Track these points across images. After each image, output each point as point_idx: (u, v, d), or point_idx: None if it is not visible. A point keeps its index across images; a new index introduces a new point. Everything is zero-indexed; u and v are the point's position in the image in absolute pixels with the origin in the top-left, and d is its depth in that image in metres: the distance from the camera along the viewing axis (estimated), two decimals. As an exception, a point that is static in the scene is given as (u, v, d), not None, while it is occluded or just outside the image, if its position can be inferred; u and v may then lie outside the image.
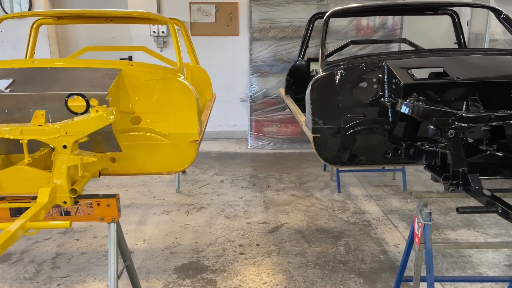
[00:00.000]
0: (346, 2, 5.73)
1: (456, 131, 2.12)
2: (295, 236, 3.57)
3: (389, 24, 5.96)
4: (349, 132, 2.59)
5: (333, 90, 2.68)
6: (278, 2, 5.77)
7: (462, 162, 2.18)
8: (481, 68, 2.50)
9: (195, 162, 5.59)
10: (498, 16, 3.30)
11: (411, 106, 2.12)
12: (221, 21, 6.25)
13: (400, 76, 2.46)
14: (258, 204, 4.23)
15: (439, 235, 3.56)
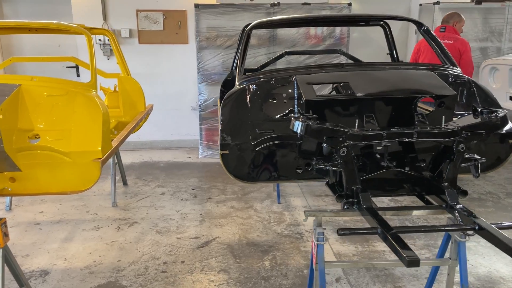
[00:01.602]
0: (293, 12, 5.72)
1: (348, 149, 2.09)
2: (224, 251, 3.50)
3: (337, 33, 5.98)
4: (258, 148, 2.54)
5: (244, 106, 2.63)
6: (224, 10, 5.72)
7: (355, 180, 2.16)
8: (385, 84, 2.48)
9: (139, 174, 5.51)
10: (419, 29, 3.32)
11: (301, 125, 2.08)
12: (169, 29, 6.16)
13: (304, 92, 2.42)
14: (194, 217, 4.15)
15: (368, 246, 3.55)
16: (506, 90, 3.96)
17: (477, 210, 4.24)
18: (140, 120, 3.88)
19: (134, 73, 6.24)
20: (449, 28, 4.95)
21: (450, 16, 5.01)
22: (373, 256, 3.41)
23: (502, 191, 4.73)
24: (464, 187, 4.59)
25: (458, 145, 2.12)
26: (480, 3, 5.90)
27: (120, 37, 6.11)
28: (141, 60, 6.25)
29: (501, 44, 6.01)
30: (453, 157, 2.14)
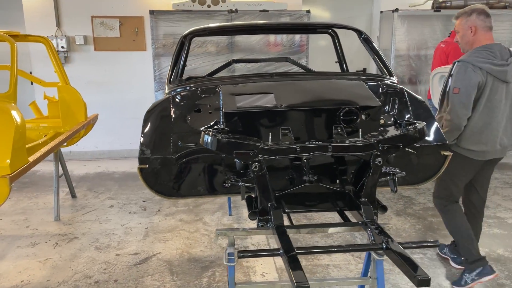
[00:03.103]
0: (250, 18, 5.64)
1: (260, 164, 1.97)
2: (162, 268, 3.35)
3: (297, 41, 5.91)
4: (180, 162, 2.41)
5: (166, 117, 2.50)
6: (180, 17, 5.60)
7: (269, 196, 2.05)
8: (309, 95, 2.38)
9: (92, 185, 5.32)
10: (359, 36, 3.25)
11: (211, 139, 1.95)
12: (126, 36, 6.01)
13: (225, 102, 2.31)
14: (139, 232, 3.99)
15: (313, 260, 3.44)
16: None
17: (429, 220, 4.18)
18: (78, 131, 3.71)
19: (90, 81, 6.13)
20: (453, 33, 4.97)
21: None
22: (315, 271, 3.30)
23: (457, 200, 4.67)
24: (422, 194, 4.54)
25: (375, 158, 2.02)
26: (439, 10, 5.89)
27: (75, 44, 5.94)
28: (97, 68, 6.09)
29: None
30: (370, 172, 2.04)
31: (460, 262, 3.28)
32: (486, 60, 2.74)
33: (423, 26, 5.93)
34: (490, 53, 2.75)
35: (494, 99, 2.79)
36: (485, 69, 2.73)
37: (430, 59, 5.95)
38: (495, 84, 2.77)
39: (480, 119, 2.82)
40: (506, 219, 4.19)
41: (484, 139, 2.84)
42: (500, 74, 2.74)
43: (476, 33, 2.82)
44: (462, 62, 2.80)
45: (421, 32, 5.94)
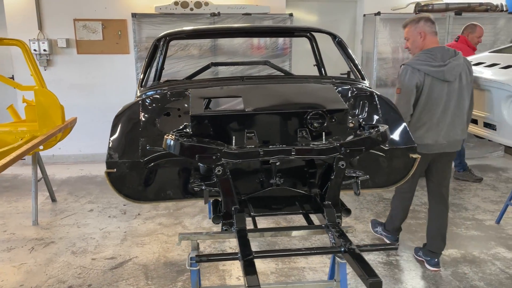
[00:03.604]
0: (233, 22, 5.65)
1: (224, 168, 1.97)
2: (137, 272, 3.33)
3: (280, 43, 5.93)
4: (148, 166, 2.40)
5: (135, 121, 2.49)
6: (163, 20, 5.60)
7: (233, 200, 2.05)
8: (277, 98, 2.38)
9: (73, 189, 5.29)
10: (333, 40, 3.26)
11: (173, 143, 1.95)
12: (109, 39, 5.99)
13: (192, 106, 2.31)
14: (117, 236, 3.96)
15: (289, 263, 3.44)
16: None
17: (408, 222, 4.19)
18: (54, 134, 3.69)
19: (73, 84, 6.10)
20: (461, 38, 5.15)
21: (466, 27, 5.19)
22: (291, 274, 3.30)
23: (437, 202, 4.70)
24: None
25: (338, 162, 2.03)
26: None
27: (57, 47, 5.91)
28: (80, 71, 6.07)
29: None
30: (334, 175, 2.05)
31: (434, 264, 3.31)
32: (424, 62, 3.00)
33: (405, 29, 5.96)
34: (430, 56, 3.02)
35: (434, 97, 3.03)
36: (423, 71, 2.99)
37: (412, 62, 6.00)
38: (434, 84, 3.01)
39: (422, 116, 3.06)
40: (484, 221, 4.22)
41: (426, 134, 3.06)
42: (437, 74, 2.98)
43: (425, 38, 3.11)
44: (405, 65, 3.07)
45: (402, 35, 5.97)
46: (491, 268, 3.34)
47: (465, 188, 5.13)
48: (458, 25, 5.99)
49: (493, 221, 4.19)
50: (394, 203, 3.64)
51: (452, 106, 3.07)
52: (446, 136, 3.09)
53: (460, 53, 3.12)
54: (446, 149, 3.14)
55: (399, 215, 3.59)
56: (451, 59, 3.01)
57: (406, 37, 3.28)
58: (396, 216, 3.61)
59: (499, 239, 3.82)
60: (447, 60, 3.00)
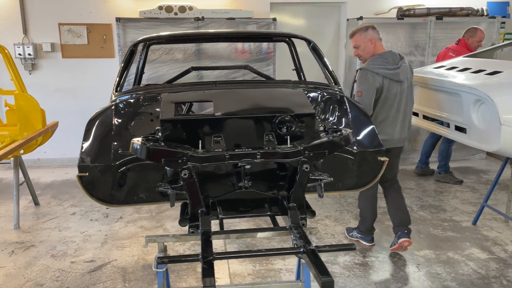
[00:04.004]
0: (217, 26, 5.70)
1: (190, 172, 2.02)
2: (115, 275, 3.36)
3: (264, 48, 5.99)
4: (121, 170, 2.44)
5: (108, 125, 2.53)
6: (147, 24, 5.64)
7: (199, 203, 2.09)
8: (246, 103, 2.44)
9: (57, 193, 5.30)
10: (308, 45, 3.33)
11: (139, 147, 1.99)
12: (94, 43, 6.02)
13: (163, 110, 2.35)
14: (98, 239, 3.99)
15: (267, 265, 3.48)
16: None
17: (386, 223, 4.25)
18: (33, 138, 3.71)
19: (58, 88, 6.13)
20: (462, 41, 5.29)
21: (466, 31, 5.34)
22: (267, 275, 3.35)
23: (417, 204, 4.77)
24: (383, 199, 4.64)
25: (302, 165, 2.08)
26: (403, 18, 6.03)
27: (42, 51, 5.93)
28: (65, 75, 6.09)
29: (425, 58, 6.15)
30: (298, 177, 2.10)
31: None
32: (381, 66, 3.28)
33: (388, 34, 6.04)
34: (384, 60, 3.31)
35: (391, 98, 3.32)
36: (381, 74, 3.27)
37: (395, 65, 6.08)
38: (390, 85, 3.30)
39: (380, 114, 3.34)
40: (461, 222, 4.29)
41: (384, 130, 3.32)
42: (393, 76, 3.29)
43: (375, 44, 3.41)
44: (363, 69, 3.32)
45: (385, 40, 6.02)
46: (464, 269, 3.41)
47: (445, 190, 5.21)
48: (439, 29, 6.10)
49: (470, 222, 4.26)
50: (361, 204, 3.78)
51: (403, 105, 3.37)
52: (399, 133, 3.40)
53: (405, 57, 3.46)
54: (398, 144, 3.45)
55: (369, 213, 3.73)
56: (401, 62, 3.34)
57: (355, 45, 3.50)
58: (366, 215, 3.75)
59: (474, 240, 3.89)
60: (399, 63, 3.33)
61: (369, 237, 3.79)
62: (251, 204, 2.30)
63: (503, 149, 2.83)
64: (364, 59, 3.49)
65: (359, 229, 3.84)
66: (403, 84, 3.33)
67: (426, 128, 3.86)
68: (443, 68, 3.74)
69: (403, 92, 3.34)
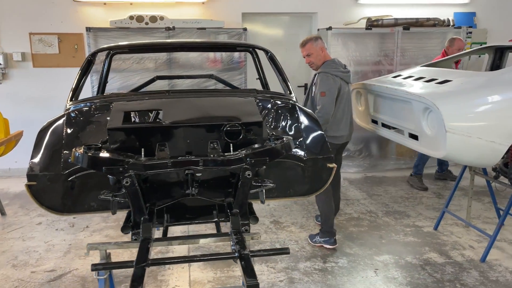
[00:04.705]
0: (187, 36, 5.76)
1: (132, 179, 2.05)
2: (75, 284, 3.36)
3: (236, 57, 6.06)
4: (70, 178, 2.46)
5: (58, 135, 2.56)
6: (118, 34, 5.67)
7: (142, 210, 2.13)
8: (195, 112, 2.49)
9: (25, 203, 5.26)
10: (266, 55, 3.41)
11: (80, 156, 2.02)
12: (65, 52, 6.02)
13: (111, 119, 2.38)
14: (61, 248, 3.97)
15: (228, 272, 3.51)
16: (368, 113, 4.11)
17: (350, 229, 4.33)
18: None
19: (29, 97, 6.11)
20: (443, 52, 5.54)
21: (447, 41, 5.56)
22: (227, 282, 3.38)
23: (382, 210, 4.86)
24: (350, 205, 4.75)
25: (244, 172, 2.13)
26: (371, 28, 6.17)
27: (13, 60, 5.91)
28: (36, 84, 6.08)
29: (393, 67, 6.30)
30: (240, 184, 2.15)
31: (332, 242, 3.89)
32: (337, 70, 3.75)
33: (357, 44, 6.19)
34: (336, 65, 3.80)
35: (344, 98, 3.78)
36: (339, 76, 3.74)
37: (364, 74, 6.20)
38: (343, 86, 3.77)
39: (338, 112, 3.76)
40: (423, 227, 4.38)
41: (341, 127, 3.79)
42: (346, 78, 3.81)
43: (324, 52, 3.86)
44: (323, 73, 3.73)
45: (355, 49, 6.20)
46: (420, 273, 3.49)
47: (411, 197, 5.31)
48: (407, 39, 6.26)
49: (431, 227, 4.35)
50: (319, 202, 3.94)
51: (349, 104, 3.89)
52: (349, 129, 3.89)
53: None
54: (347, 139, 3.96)
55: (329, 209, 3.91)
56: (346, 67, 3.88)
57: (308, 53, 3.86)
58: (327, 212, 3.90)
59: (433, 245, 3.98)
60: (346, 68, 3.86)
61: (332, 239, 3.88)
62: (199, 211, 2.34)
63: (450, 156, 2.92)
64: (316, 66, 3.87)
65: (321, 232, 3.94)
66: (349, 86, 3.87)
67: (384, 136, 3.95)
68: (401, 77, 3.85)
69: (349, 93, 3.88)
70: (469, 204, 4.30)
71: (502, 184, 3.72)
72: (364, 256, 3.76)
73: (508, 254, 3.76)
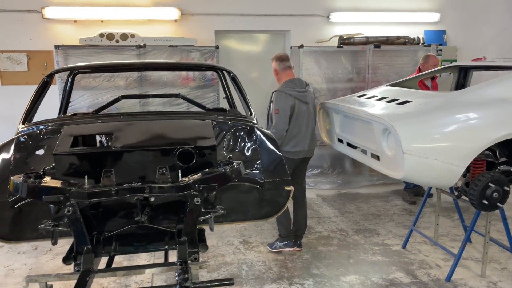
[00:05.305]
0: (159, 54, 5.73)
1: (74, 208, 1.99)
2: (30, 312, 3.23)
3: (208, 75, 6.05)
4: (17, 205, 2.38)
5: (6, 160, 2.48)
6: (88, 52, 5.62)
7: (85, 240, 2.06)
8: (147, 136, 2.45)
9: None
10: (228, 75, 3.40)
11: (19, 184, 1.96)
12: (35, 70, 5.94)
13: (58, 144, 2.33)
14: (21, 273, 3.85)
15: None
16: (335, 132, 4.12)
17: (319, 249, 4.29)
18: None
19: (-3, 115, 5.97)
20: (417, 69, 5.64)
21: (422, 58, 5.63)
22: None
23: (353, 228, 4.84)
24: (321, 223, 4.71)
25: (192, 198, 2.09)
26: (342, 46, 6.24)
27: (-20, 78, 5.81)
28: (5, 102, 5.97)
29: (365, 84, 6.36)
30: (189, 211, 2.11)
31: (291, 244, 4.14)
32: (292, 89, 3.90)
33: (329, 61, 6.24)
34: (294, 84, 3.95)
35: (300, 115, 3.92)
36: (293, 95, 3.87)
37: (337, 91, 6.24)
38: (299, 105, 3.91)
39: (294, 129, 3.91)
40: (391, 245, 4.37)
41: (297, 143, 3.93)
42: (302, 97, 3.93)
43: (287, 71, 4.01)
44: (278, 91, 3.91)
45: (327, 67, 6.24)
46: (385, 293, 3.46)
47: (382, 214, 5.31)
48: (378, 57, 6.33)
49: (400, 245, 4.35)
50: None
51: (310, 122, 4.02)
52: (308, 145, 4.01)
53: (310, 84, 4.14)
54: (307, 154, 4.06)
55: (285, 216, 4.06)
56: (306, 87, 4.01)
57: (274, 70, 4.10)
58: (284, 220, 4.11)
59: (400, 264, 3.97)
60: (305, 88, 3.99)
61: (291, 242, 4.14)
62: (148, 238, 2.28)
63: (408, 177, 2.93)
64: (279, 82, 4.06)
65: (280, 237, 4.17)
66: (309, 105, 3.98)
67: (349, 155, 3.95)
68: (365, 97, 3.88)
69: (310, 112, 4.00)
70: (437, 222, 4.32)
71: (466, 202, 3.74)
72: (331, 277, 3.72)
73: (474, 273, 3.76)
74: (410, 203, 5.61)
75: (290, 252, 4.15)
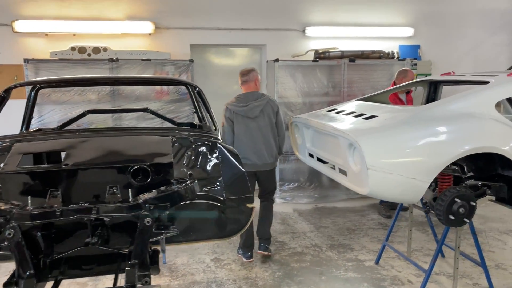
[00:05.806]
0: (131, 67, 5.66)
1: (15, 231, 1.89)
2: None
3: (183, 88, 5.98)
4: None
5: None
6: (59, 65, 5.52)
7: (27, 264, 1.96)
8: (103, 153, 2.37)
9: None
10: (193, 90, 3.34)
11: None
12: (4, 84, 5.58)
13: (6, 163, 2.23)
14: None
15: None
16: (305, 147, 4.08)
17: (292, 265, 4.21)
18: None
19: (-37, 131, 5.78)
20: (392, 84, 5.59)
21: (398, 74, 5.57)
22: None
23: (327, 243, 4.78)
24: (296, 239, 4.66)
25: (143, 219, 2.01)
26: (317, 60, 6.26)
27: None
28: (-27, 117, 5.78)
29: (341, 98, 6.36)
30: (139, 232, 2.02)
31: (248, 256, 4.26)
32: (233, 104, 4.10)
33: (305, 75, 6.24)
34: (238, 99, 4.13)
35: (241, 130, 4.08)
36: (232, 110, 4.08)
37: (313, 105, 6.22)
38: (240, 119, 4.07)
39: (242, 142, 4.06)
40: (365, 261, 4.31)
41: (247, 155, 4.00)
42: (241, 112, 4.06)
43: (244, 86, 4.24)
44: (225, 105, 4.16)
45: (303, 81, 6.24)
46: (356, 312, 3.39)
47: (358, 228, 5.27)
48: (353, 71, 6.36)
49: (373, 261, 4.29)
50: None
51: (260, 137, 4.11)
52: (259, 159, 4.12)
53: (267, 96, 4.22)
54: (261, 168, 4.16)
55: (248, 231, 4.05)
56: (252, 102, 4.07)
57: None
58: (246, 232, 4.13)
59: (372, 280, 3.91)
60: (249, 102, 4.07)
61: (248, 254, 4.27)
62: (99, 261, 2.18)
63: (373, 193, 2.89)
64: None
65: (241, 245, 4.32)
66: (257, 120, 4.09)
67: (319, 170, 3.91)
68: (334, 111, 3.85)
69: (260, 126, 4.10)
70: (409, 237, 4.28)
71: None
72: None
73: (445, 289, 3.73)
74: (386, 217, 5.59)
75: (246, 262, 4.28)
